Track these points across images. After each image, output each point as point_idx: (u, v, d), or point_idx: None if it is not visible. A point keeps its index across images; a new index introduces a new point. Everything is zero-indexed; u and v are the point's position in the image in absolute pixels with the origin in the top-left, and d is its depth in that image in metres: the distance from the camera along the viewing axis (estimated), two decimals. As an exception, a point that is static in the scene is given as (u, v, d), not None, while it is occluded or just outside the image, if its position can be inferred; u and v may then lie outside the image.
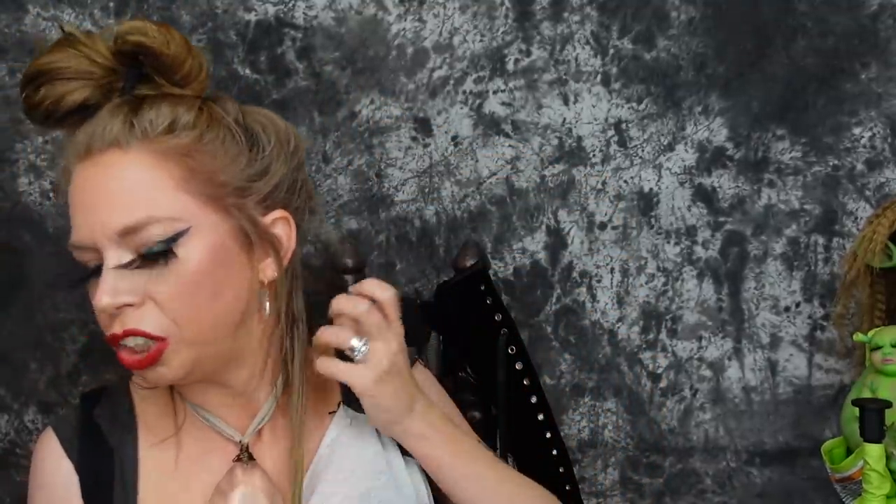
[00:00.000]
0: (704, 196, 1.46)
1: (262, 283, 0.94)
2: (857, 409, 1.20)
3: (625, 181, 1.46)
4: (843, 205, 1.46)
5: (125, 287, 0.86)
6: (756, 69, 1.44)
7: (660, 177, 1.46)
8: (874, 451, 1.19)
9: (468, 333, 1.26)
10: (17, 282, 1.43)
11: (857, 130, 1.45)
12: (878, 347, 1.29)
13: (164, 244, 0.86)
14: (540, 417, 1.27)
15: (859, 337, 1.31)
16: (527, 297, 1.47)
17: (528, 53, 1.44)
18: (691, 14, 1.43)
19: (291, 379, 0.95)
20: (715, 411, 1.50)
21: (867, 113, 1.45)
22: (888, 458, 1.21)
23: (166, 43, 0.90)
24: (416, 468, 1.00)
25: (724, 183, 1.46)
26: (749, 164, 1.46)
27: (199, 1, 1.41)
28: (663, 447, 1.50)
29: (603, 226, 1.47)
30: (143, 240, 0.86)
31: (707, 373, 1.49)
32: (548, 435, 1.27)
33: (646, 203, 1.46)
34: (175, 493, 0.95)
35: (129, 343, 0.87)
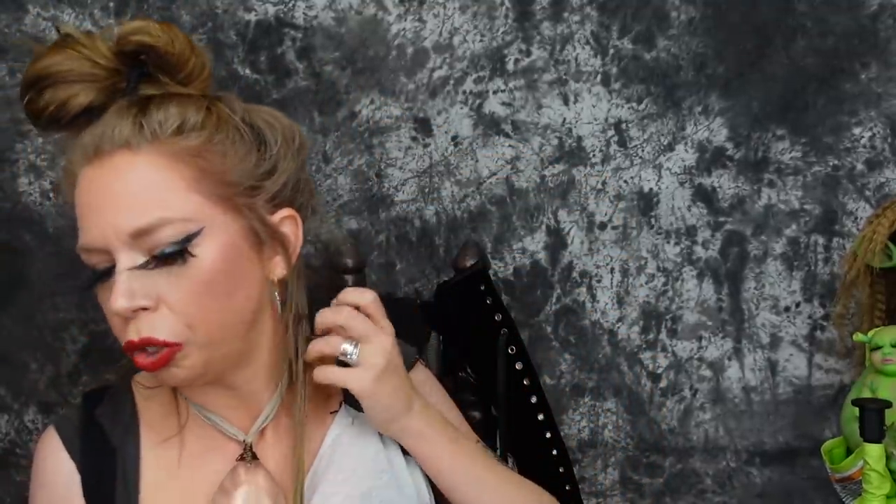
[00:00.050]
0: (704, 196, 1.46)
1: (271, 282, 0.94)
2: (857, 409, 1.21)
3: (625, 181, 1.46)
4: (843, 205, 1.46)
5: (140, 289, 0.86)
6: (756, 69, 1.44)
7: (660, 177, 1.46)
8: (874, 451, 1.19)
9: (468, 333, 1.26)
10: (17, 282, 1.43)
11: (857, 130, 1.45)
12: (878, 347, 1.29)
13: (178, 245, 0.86)
14: (540, 417, 1.27)
15: (859, 337, 1.31)
16: (527, 297, 1.47)
17: (528, 53, 1.44)
18: (691, 14, 1.44)
19: (295, 378, 0.95)
20: (715, 411, 1.50)
21: (867, 113, 1.45)
22: (888, 458, 1.21)
23: (170, 42, 0.90)
24: (417, 467, 1.00)
25: (724, 183, 1.46)
26: (749, 164, 1.46)
27: (199, 1, 1.41)
28: (663, 447, 1.50)
29: (603, 226, 1.47)
30: (155, 241, 0.86)
31: (707, 373, 1.49)
32: (548, 435, 1.27)
33: (646, 203, 1.46)
34: (177, 493, 0.95)
35: (146, 349, 0.87)
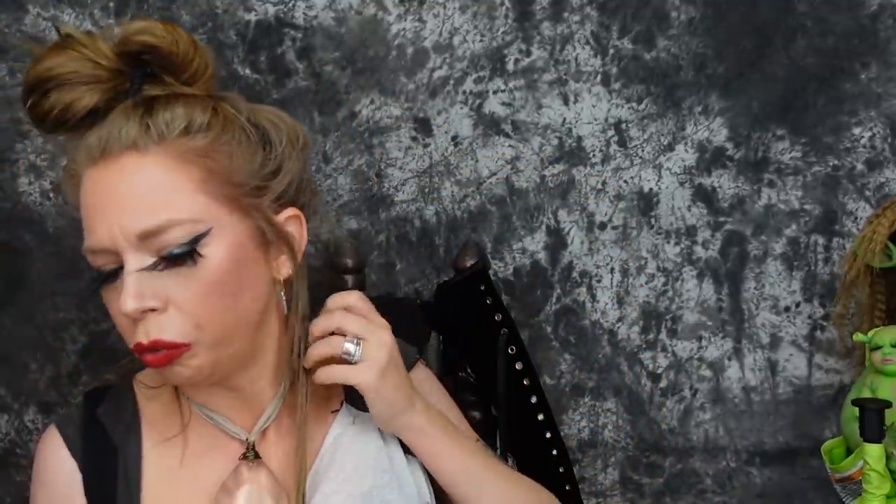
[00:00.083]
0: (704, 196, 1.46)
1: (277, 282, 0.94)
2: (857, 409, 1.21)
3: (625, 181, 1.46)
4: (843, 205, 1.46)
5: (149, 290, 0.86)
6: (756, 69, 1.44)
7: (660, 177, 1.46)
8: (874, 451, 1.19)
9: (468, 333, 1.26)
10: (17, 282, 1.43)
11: (857, 130, 1.45)
12: (878, 347, 1.29)
13: (186, 246, 0.86)
14: (540, 417, 1.27)
15: (859, 337, 1.31)
16: (527, 297, 1.47)
17: (528, 53, 1.44)
18: (691, 14, 1.44)
19: (297, 377, 0.95)
20: (715, 411, 1.50)
21: (867, 113, 1.45)
22: (888, 458, 1.21)
23: (175, 42, 0.90)
24: (418, 467, 1.00)
25: (724, 183, 1.46)
26: (749, 164, 1.46)
27: (199, 1, 1.41)
28: (663, 447, 1.50)
29: (603, 226, 1.47)
30: (163, 243, 0.86)
31: (707, 373, 1.49)
32: (548, 435, 1.27)
33: (646, 203, 1.46)
34: (180, 492, 0.96)
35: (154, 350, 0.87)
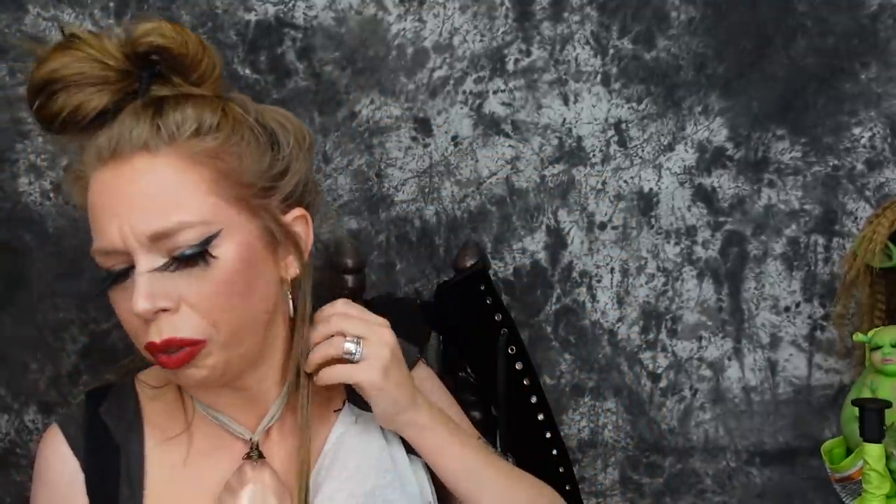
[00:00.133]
0: (704, 196, 1.46)
1: (285, 281, 0.94)
2: (856, 409, 1.21)
3: (625, 181, 1.46)
4: (843, 205, 1.46)
5: (161, 291, 0.86)
6: (756, 69, 1.44)
7: (660, 177, 1.46)
8: (874, 451, 1.19)
9: (468, 333, 1.26)
10: (17, 282, 1.43)
11: (857, 130, 1.45)
12: (878, 347, 1.29)
13: (198, 247, 0.86)
14: (540, 417, 1.27)
15: (859, 337, 1.31)
16: (527, 297, 1.47)
17: (528, 53, 1.44)
18: (691, 14, 1.44)
19: (301, 376, 0.95)
20: (715, 411, 1.50)
21: (867, 113, 1.45)
22: (888, 458, 1.21)
23: (184, 43, 0.90)
24: (420, 466, 1.00)
25: (724, 183, 1.46)
26: (749, 164, 1.46)
27: (199, 1, 1.41)
28: (663, 447, 1.50)
29: (603, 226, 1.47)
30: (175, 243, 0.86)
31: (707, 373, 1.49)
32: (548, 435, 1.27)
33: (646, 203, 1.46)
34: (183, 491, 0.96)
35: (168, 350, 0.87)
